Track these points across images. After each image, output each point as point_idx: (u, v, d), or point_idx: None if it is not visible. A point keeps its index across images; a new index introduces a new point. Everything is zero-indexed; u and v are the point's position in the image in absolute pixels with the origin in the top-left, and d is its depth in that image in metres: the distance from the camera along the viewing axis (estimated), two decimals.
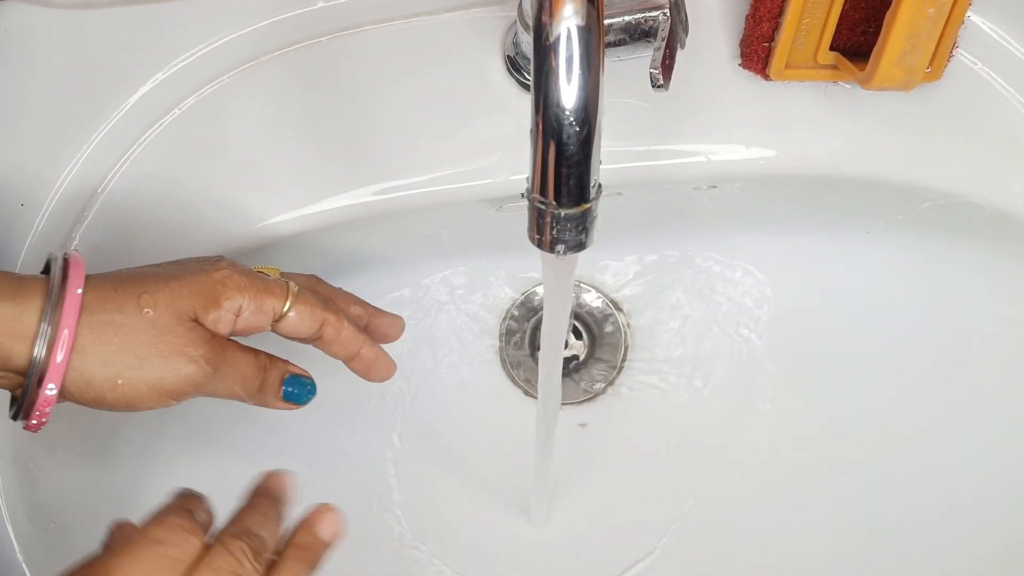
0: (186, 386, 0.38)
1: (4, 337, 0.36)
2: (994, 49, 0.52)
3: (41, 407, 0.37)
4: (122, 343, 0.37)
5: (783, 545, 0.60)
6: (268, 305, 0.41)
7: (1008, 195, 0.53)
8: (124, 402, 0.38)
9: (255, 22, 0.49)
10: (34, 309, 0.37)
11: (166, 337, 0.38)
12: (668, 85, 0.44)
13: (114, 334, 0.37)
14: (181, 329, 0.38)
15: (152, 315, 0.38)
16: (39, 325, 0.36)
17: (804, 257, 0.60)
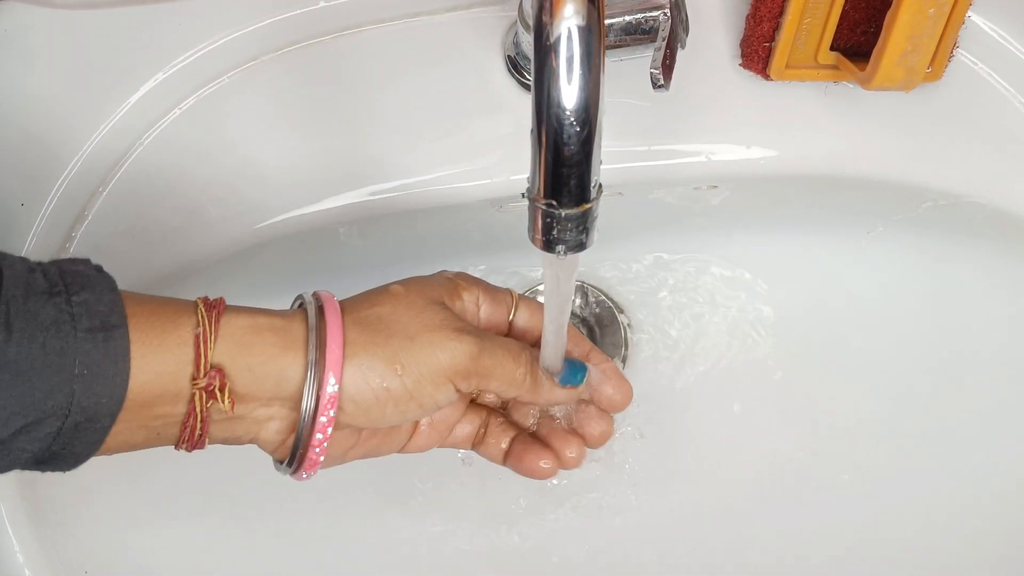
0: (462, 357, 0.37)
1: (276, 349, 0.35)
2: (995, 49, 0.52)
3: (324, 410, 0.35)
4: (388, 329, 0.37)
5: (785, 546, 0.60)
6: (500, 297, 0.42)
7: (1009, 195, 0.53)
8: (407, 393, 0.36)
9: (255, 22, 0.49)
10: (299, 321, 0.36)
11: (426, 315, 0.37)
12: (669, 85, 0.44)
13: (377, 322, 0.37)
14: (437, 308, 0.38)
15: (407, 298, 0.38)
16: (307, 333, 0.36)
17: (805, 257, 0.60)
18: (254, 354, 0.35)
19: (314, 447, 0.36)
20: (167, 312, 0.34)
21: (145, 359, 0.33)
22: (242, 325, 0.35)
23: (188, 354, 0.34)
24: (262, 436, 0.37)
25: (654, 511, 0.61)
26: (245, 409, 0.36)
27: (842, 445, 0.60)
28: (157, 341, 0.33)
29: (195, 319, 0.34)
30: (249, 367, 0.35)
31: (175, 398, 0.34)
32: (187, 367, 0.34)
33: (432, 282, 0.40)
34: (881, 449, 0.60)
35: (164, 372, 0.33)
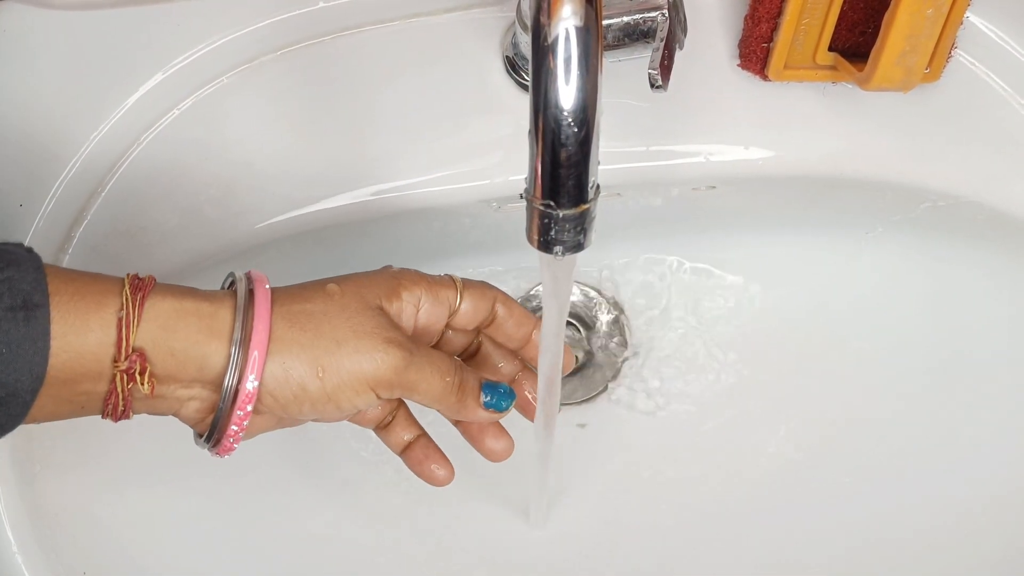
0: (386, 370, 0.37)
1: (201, 335, 0.35)
2: (993, 50, 0.52)
3: (242, 405, 0.36)
4: (317, 329, 0.36)
5: (784, 547, 0.60)
6: (443, 295, 0.41)
7: (1007, 195, 0.53)
8: (326, 395, 0.37)
9: (254, 22, 0.49)
10: (227, 307, 0.36)
11: (358, 319, 0.37)
12: (667, 86, 0.44)
13: (307, 320, 0.37)
14: (371, 313, 0.38)
15: (341, 299, 0.38)
16: (233, 321, 0.36)
17: (804, 257, 0.60)
18: (178, 338, 0.35)
19: (229, 436, 0.37)
20: (93, 292, 0.34)
21: (67, 339, 0.33)
22: (167, 308, 0.35)
23: (111, 335, 0.34)
24: (182, 413, 0.37)
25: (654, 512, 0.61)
26: (166, 390, 0.36)
27: (842, 446, 0.60)
28: (80, 322, 0.34)
29: (120, 300, 0.35)
30: (171, 351, 0.35)
31: (97, 377, 0.34)
32: (109, 348, 0.34)
33: (371, 282, 0.40)
34: (882, 450, 0.60)
35: (86, 352, 0.34)
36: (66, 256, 0.49)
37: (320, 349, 0.36)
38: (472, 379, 0.41)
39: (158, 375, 0.35)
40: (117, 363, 0.34)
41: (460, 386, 0.40)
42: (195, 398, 0.37)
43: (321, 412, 0.38)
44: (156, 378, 0.35)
